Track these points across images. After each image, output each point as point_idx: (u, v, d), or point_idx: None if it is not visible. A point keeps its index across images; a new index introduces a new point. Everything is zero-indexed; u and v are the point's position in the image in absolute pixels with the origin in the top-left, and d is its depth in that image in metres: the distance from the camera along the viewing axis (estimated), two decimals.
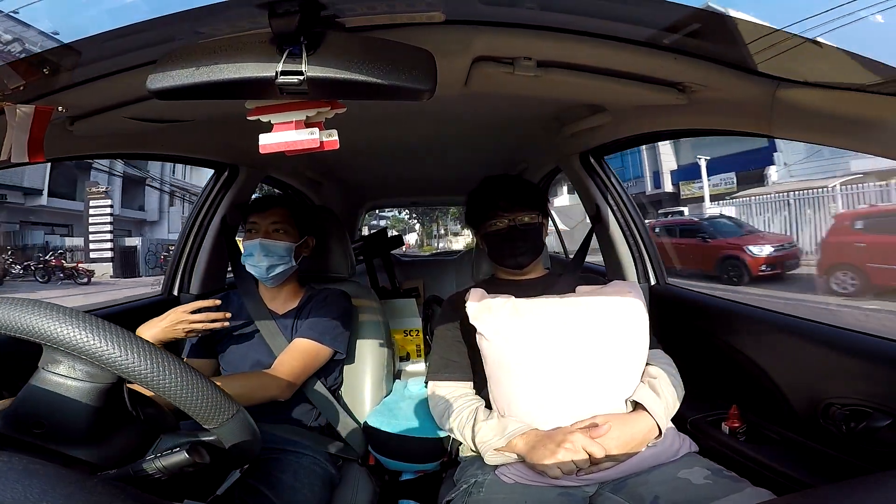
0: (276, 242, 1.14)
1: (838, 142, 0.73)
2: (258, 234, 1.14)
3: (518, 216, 1.09)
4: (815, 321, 1.03)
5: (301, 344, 1.09)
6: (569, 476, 0.81)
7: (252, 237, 1.14)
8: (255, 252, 1.12)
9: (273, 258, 1.13)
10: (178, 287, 1.58)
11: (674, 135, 1.22)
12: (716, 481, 0.80)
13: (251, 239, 1.14)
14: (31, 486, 0.33)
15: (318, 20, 0.57)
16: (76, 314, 0.48)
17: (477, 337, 0.97)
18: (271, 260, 1.13)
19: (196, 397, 0.51)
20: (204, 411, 0.53)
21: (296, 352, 1.08)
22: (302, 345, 1.09)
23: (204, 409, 0.52)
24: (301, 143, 0.63)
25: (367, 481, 1.11)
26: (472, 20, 0.69)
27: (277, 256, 1.14)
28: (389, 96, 0.59)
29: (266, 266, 1.13)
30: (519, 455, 0.87)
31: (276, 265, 1.14)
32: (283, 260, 1.14)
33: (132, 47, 0.67)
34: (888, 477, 0.36)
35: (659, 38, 0.70)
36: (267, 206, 1.17)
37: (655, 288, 1.51)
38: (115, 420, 0.55)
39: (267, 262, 1.13)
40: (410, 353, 1.87)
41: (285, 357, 1.07)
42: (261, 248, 1.12)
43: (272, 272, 1.14)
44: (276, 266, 1.14)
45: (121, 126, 1.00)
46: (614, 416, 0.86)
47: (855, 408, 0.85)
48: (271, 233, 1.14)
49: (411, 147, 1.79)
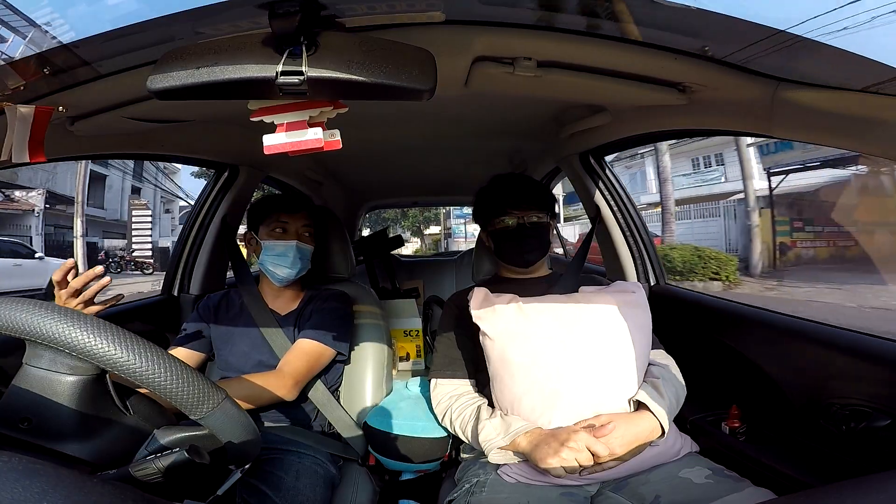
0: (308, 246, 1.17)
1: (838, 142, 0.73)
2: (291, 236, 1.15)
3: (527, 215, 1.10)
4: (816, 321, 1.03)
5: (306, 345, 1.09)
6: (572, 476, 0.81)
7: (284, 237, 1.14)
8: (291, 254, 1.13)
9: (304, 261, 1.16)
10: (179, 287, 1.58)
11: (674, 135, 1.22)
12: (717, 481, 0.80)
13: (283, 239, 1.14)
14: (31, 486, 0.33)
15: (318, 20, 0.57)
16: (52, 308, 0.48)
17: (480, 336, 0.97)
18: (303, 263, 1.15)
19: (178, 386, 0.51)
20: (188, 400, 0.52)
21: (301, 353, 1.08)
22: (306, 346, 1.09)
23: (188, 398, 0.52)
24: (305, 143, 0.63)
25: (367, 481, 1.11)
26: (472, 20, 0.69)
27: (306, 260, 1.16)
28: (389, 96, 0.59)
29: (297, 269, 1.14)
30: (522, 454, 0.86)
31: (303, 268, 1.16)
32: (307, 264, 1.17)
33: (132, 47, 0.67)
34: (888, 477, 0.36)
35: (659, 38, 0.70)
36: (299, 208, 1.18)
37: (656, 288, 1.51)
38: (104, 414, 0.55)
39: (300, 265, 1.15)
40: (410, 353, 1.87)
41: (290, 357, 1.07)
42: (297, 251, 1.14)
43: (298, 274, 1.16)
44: (302, 269, 1.16)
45: (121, 126, 1.00)
46: (618, 415, 0.86)
47: (855, 408, 0.85)
48: (304, 236, 1.16)
49: (411, 147, 1.79)
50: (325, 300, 1.20)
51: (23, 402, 0.51)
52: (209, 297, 1.24)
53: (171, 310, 1.54)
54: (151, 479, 0.51)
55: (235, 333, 1.14)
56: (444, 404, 1.04)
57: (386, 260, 2.62)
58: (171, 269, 1.59)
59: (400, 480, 1.24)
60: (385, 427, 1.15)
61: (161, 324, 1.48)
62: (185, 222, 1.64)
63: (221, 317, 1.18)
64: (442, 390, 1.06)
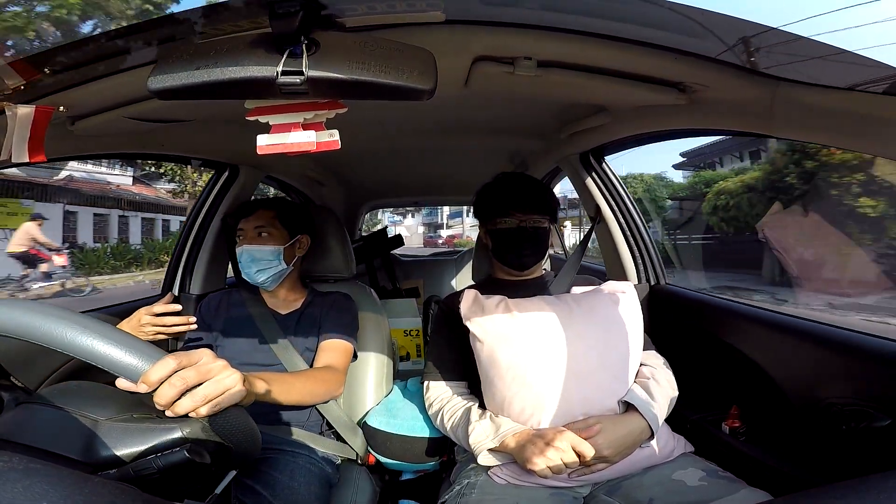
0: (261, 247, 1.13)
1: (838, 142, 0.73)
2: (244, 240, 1.14)
3: (529, 218, 1.08)
4: (816, 321, 1.03)
5: (338, 343, 1.11)
6: (560, 476, 0.81)
7: (239, 243, 1.14)
8: (243, 258, 1.13)
9: (260, 263, 1.13)
10: (179, 287, 1.58)
11: (674, 135, 1.22)
12: (711, 483, 0.80)
13: (239, 245, 1.14)
14: (31, 486, 0.33)
15: (318, 20, 0.57)
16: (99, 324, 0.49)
17: (470, 338, 0.97)
18: (258, 265, 1.13)
19: (117, 352, 0.49)
20: (125, 366, 0.49)
21: (338, 351, 1.10)
22: (339, 344, 1.11)
23: (125, 364, 0.49)
24: (298, 145, 0.63)
25: (367, 481, 1.11)
26: (472, 20, 0.69)
27: (265, 261, 1.13)
28: (390, 96, 0.59)
29: (254, 271, 1.13)
30: (510, 454, 0.86)
31: (264, 269, 1.13)
32: (270, 264, 1.13)
33: (132, 47, 0.67)
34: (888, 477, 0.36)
35: (659, 38, 0.70)
36: (251, 211, 1.17)
37: (656, 288, 1.51)
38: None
39: (255, 267, 1.12)
40: (410, 353, 1.87)
41: (332, 354, 1.09)
42: (246, 254, 1.12)
43: (261, 277, 1.13)
44: (263, 270, 1.13)
45: (121, 126, 1.00)
46: (606, 417, 0.86)
47: (855, 408, 0.85)
48: (255, 238, 1.14)
49: (411, 147, 1.79)
50: (332, 301, 1.20)
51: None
52: (209, 297, 1.24)
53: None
54: (151, 478, 0.51)
55: (235, 332, 1.14)
56: (436, 406, 1.04)
57: (386, 259, 2.62)
58: (171, 268, 1.59)
59: (400, 480, 1.24)
60: (385, 427, 1.16)
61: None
62: (186, 222, 1.64)
63: (221, 316, 1.18)
64: (434, 392, 1.06)
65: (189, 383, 0.53)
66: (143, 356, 0.50)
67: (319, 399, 1.01)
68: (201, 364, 0.55)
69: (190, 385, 0.53)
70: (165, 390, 0.51)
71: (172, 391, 0.51)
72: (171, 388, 0.51)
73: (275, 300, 1.21)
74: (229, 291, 1.25)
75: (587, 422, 0.84)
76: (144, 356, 0.50)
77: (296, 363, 1.10)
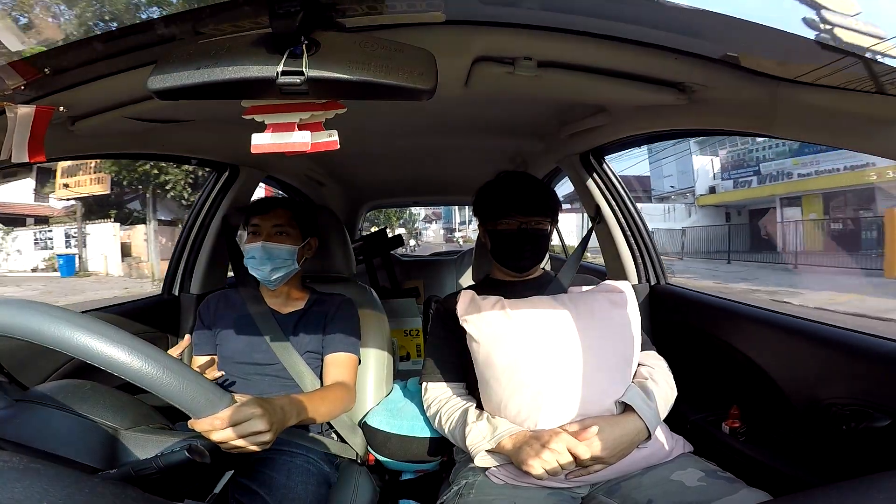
0: (279, 246, 1.13)
1: (839, 142, 0.73)
2: (260, 237, 1.13)
3: (531, 220, 1.06)
4: (816, 321, 1.03)
5: (346, 358, 1.14)
6: (556, 477, 0.80)
7: (254, 240, 1.13)
8: (258, 255, 1.12)
9: (276, 261, 1.13)
10: (179, 287, 1.58)
11: (674, 135, 1.22)
12: (710, 483, 0.80)
13: (253, 241, 1.13)
14: (31, 486, 0.33)
15: (318, 20, 0.57)
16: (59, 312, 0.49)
17: (467, 339, 0.97)
18: (274, 263, 1.12)
19: (186, 389, 0.53)
20: (197, 402, 0.54)
21: (346, 366, 1.13)
22: (346, 358, 1.14)
23: (195, 402, 0.54)
24: (293, 145, 0.63)
25: (367, 481, 1.11)
26: (472, 20, 0.69)
27: (280, 260, 1.13)
28: (390, 96, 0.59)
29: (269, 269, 1.12)
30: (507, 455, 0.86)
31: (279, 268, 1.13)
32: (285, 263, 1.14)
33: (132, 47, 0.67)
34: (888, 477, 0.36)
35: (659, 38, 0.70)
36: (269, 208, 1.16)
37: (656, 288, 1.51)
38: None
39: (270, 265, 1.12)
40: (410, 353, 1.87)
41: (342, 370, 1.12)
42: (263, 252, 1.12)
43: (275, 275, 1.13)
44: (278, 269, 1.13)
45: (121, 126, 1.00)
46: (602, 418, 0.85)
47: (855, 408, 0.85)
48: (273, 235, 1.13)
49: (412, 147, 1.79)
50: (337, 307, 1.20)
51: None
52: (210, 297, 1.24)
53: (172, 309, 1.55)
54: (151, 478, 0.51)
55: (234, 332, 1.14)
56: (434, 407, 1.04)
57: (386, 259, 2.62)
58: (171, 268, 1.60)
59: (400, 480, 1.24)
60: (385, 427, 1.16)
61: (161, 323, 1.48)
62: (186, 222, 1.64)
63: (221, 315, 1.18)
64: (432, 393, 1.06)
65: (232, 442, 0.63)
66: (214, 399, 0.58)
67: (337, 416, 1.09)
68: (248, 425, 0.65)
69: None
70: (225, 435, 0.62)
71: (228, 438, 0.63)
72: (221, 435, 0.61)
73: (276, 299, 1.21)
74: (229, 291, 1.25)
75: (583, 423, 0.84)
76: (215, 400, 0.58)
77: (295, 363, 1.10)
